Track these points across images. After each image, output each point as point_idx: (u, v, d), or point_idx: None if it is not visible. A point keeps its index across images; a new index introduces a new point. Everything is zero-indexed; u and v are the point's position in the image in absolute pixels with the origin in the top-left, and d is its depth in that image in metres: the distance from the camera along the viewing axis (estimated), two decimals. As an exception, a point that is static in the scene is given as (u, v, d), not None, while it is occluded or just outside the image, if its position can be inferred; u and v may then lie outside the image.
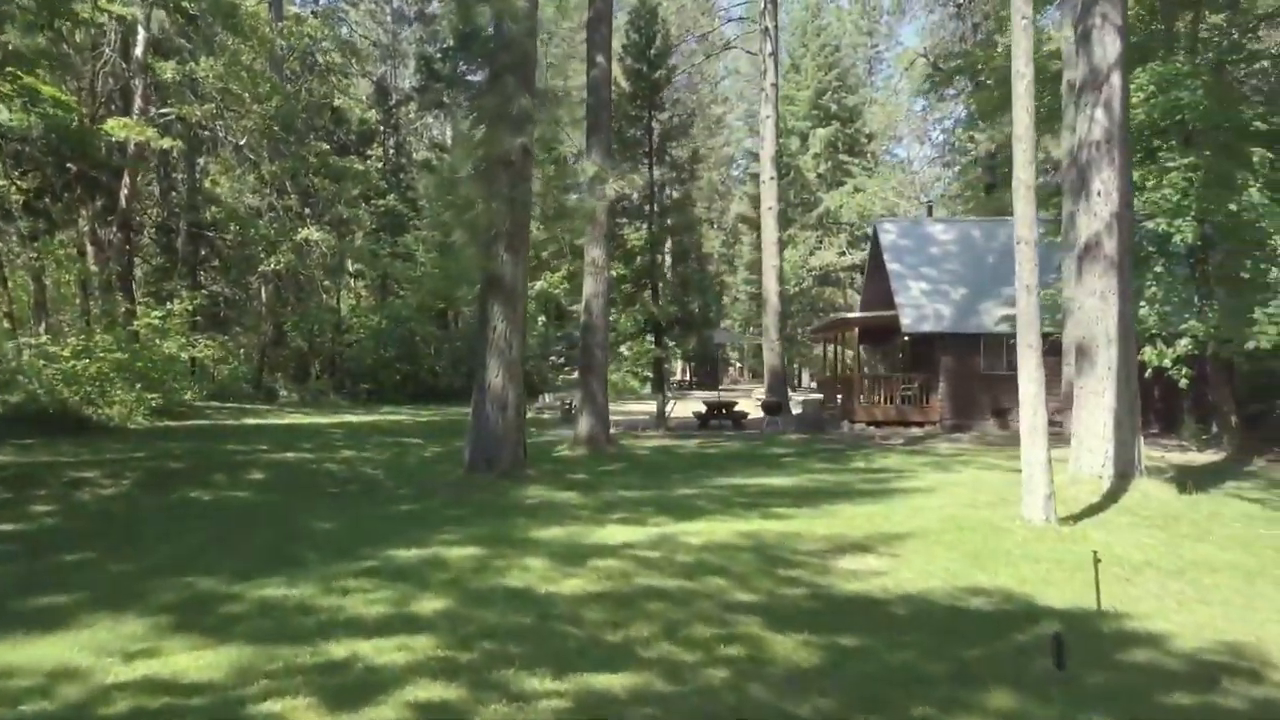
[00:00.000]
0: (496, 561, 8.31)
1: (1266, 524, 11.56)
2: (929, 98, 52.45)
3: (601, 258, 18.94)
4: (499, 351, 13.58)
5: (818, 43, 54.53)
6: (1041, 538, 9.68)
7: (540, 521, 10.49)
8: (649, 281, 24.24)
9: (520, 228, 13.49)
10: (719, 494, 12.82)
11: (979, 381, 24.23)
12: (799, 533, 9.82)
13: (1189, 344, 19.01)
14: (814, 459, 17.92)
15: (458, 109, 31.95)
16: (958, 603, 7.29)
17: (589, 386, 19.03)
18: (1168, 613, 7.04)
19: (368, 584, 7.46)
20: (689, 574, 7.86)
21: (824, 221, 51.71)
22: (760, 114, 32.34)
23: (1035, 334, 10.22)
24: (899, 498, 12.67)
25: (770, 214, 30.31)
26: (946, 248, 26.66)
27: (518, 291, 13.69)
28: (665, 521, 10.40)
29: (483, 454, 13.47)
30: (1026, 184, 10.18)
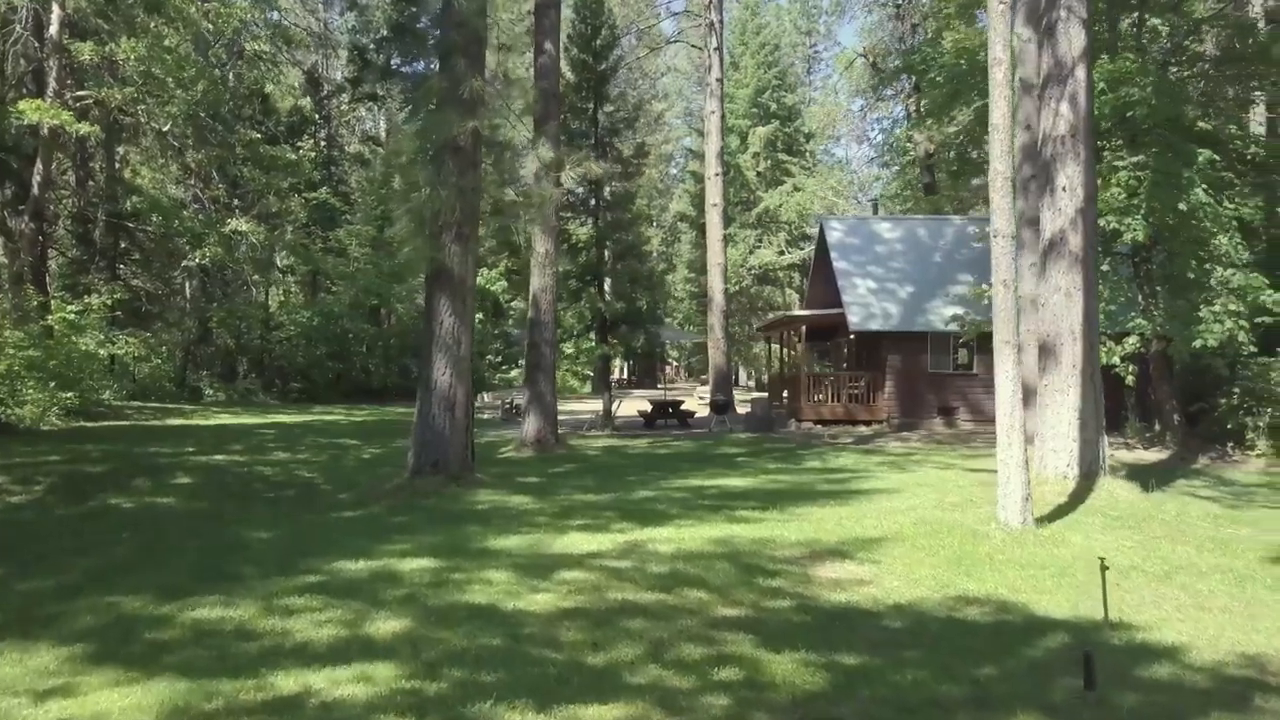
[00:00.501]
0: (455, 574, 7.65)
1: (1232, 524, 11.44)
2: (867, 98, 52.87)
3: (550, 251, 18.29)
4: (446, 348, 12.86)
5: (757, 41, 54.40)
6: (1020, 542, 9.35)
7: (496, 529, 9.83)
8: (595, 278, 23.57)
9: (470, 217, 12.78)
10: (680, 497, 12.30)
11: (926, 380, 24.13)
12: (772, 538, 9.35)
13: (1136, 342, 19.10)
14: (767, 459, 17.51)
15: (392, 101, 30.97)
16: (953, 613, 6.87)
17: (537, 385, 18.37)
18: (1172, 622, 6.70)
19: (315, 602, 6.76)
20: (665, 586, 7.30)
21: (763, 220, 51.61)
22: (705, 109, 31.94)
23: (1012, 330, 9.90)
24: (864, 499, 12.30)
25: (715, 210, 29.92)
26: (892, 246, 26.55)
27: (467, 284, 12.97)
28: (630, 528, 9.83)
29: (429, 457, 12.73)
30: (1004, 175, 9.86)
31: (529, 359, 19.01)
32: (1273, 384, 19.38)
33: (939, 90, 22.71)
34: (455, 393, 12.87)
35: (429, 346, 12.96)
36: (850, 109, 56.35)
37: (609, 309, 22.73)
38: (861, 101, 54.26)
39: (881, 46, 48.81)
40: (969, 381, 24.30)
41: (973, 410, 24.10)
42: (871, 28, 51.26)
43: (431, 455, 12.74)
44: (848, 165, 62.09)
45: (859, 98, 54.15)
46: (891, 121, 52.40)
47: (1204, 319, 18.13)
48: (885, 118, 52.93)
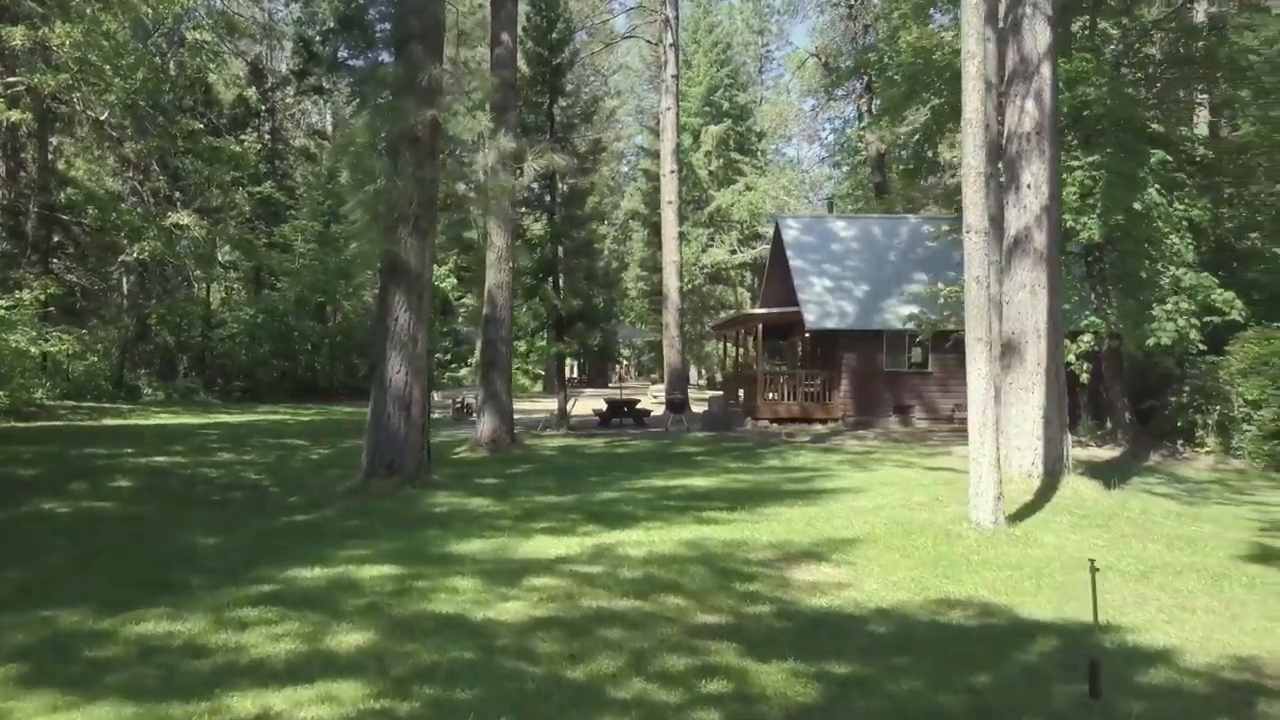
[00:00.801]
0: (418, 582, 7.27)
1: (1194, 521, 11.48)
2: (819, 97, 53.09)
3: (507, 247, 17.87)
4: (401, 345, 12.41)
5: (709, 39, 54.35)
6: (994, 542, 9.22)
7: (457, 533, 9.45)
8: (550, 274, 23.21)
9: (427, 209, 12.34)
10: (644, 498, 12.01)
11: (881, 379, 24.15)
12: (743, 540, 9.10)
13: (1090, 341, 19.25)
14: (727, 457, 17.31)
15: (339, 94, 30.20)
16: (938, 618, 6.67)
17: (492, 384, 17.94)
18: (1159, 623, 6.58)
19: (270, 614, 6.34)
20: (640, 592, 7.01)
21: (715, 219, 51.57)
22: (660, 105, 31.71)
23: (985, 327, 9.78)
24: (830, 498, 12.13)
25: (670, 208, 29.70)
26: (848, 244, 26.55)
27: (424, 279, 12.53)
28: (597, 530, 9.52)
29: (383, 457, 12.27)
30: (977, 170, 9.72)
31: (484, 357, 18.58)
32: (1221, 382, 19.65)
33: (896, 89, 22.71)
34: (411, 391, 12.43)
35: (383, 343, 12.51)
36: (802, 109, 56.59)
37: (565, 306, 22.34)
38: (813, 101, 54.51)
39: (833, 46, 49.03)
40: (924, 380, 24.38)
41: (928, 409, 24.18)
42: (823, 28, 51.54)
43: (386, 456, 12.29)
44: (799, 165, 62.36)
45: (810, 97, 54.40)
46: (843, 121, 52.74)
47: (1157, 318, 18.33)
48: (837, 118, 53.24)
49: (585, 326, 23.61)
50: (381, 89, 13.47)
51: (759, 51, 61.57)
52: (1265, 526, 11.55)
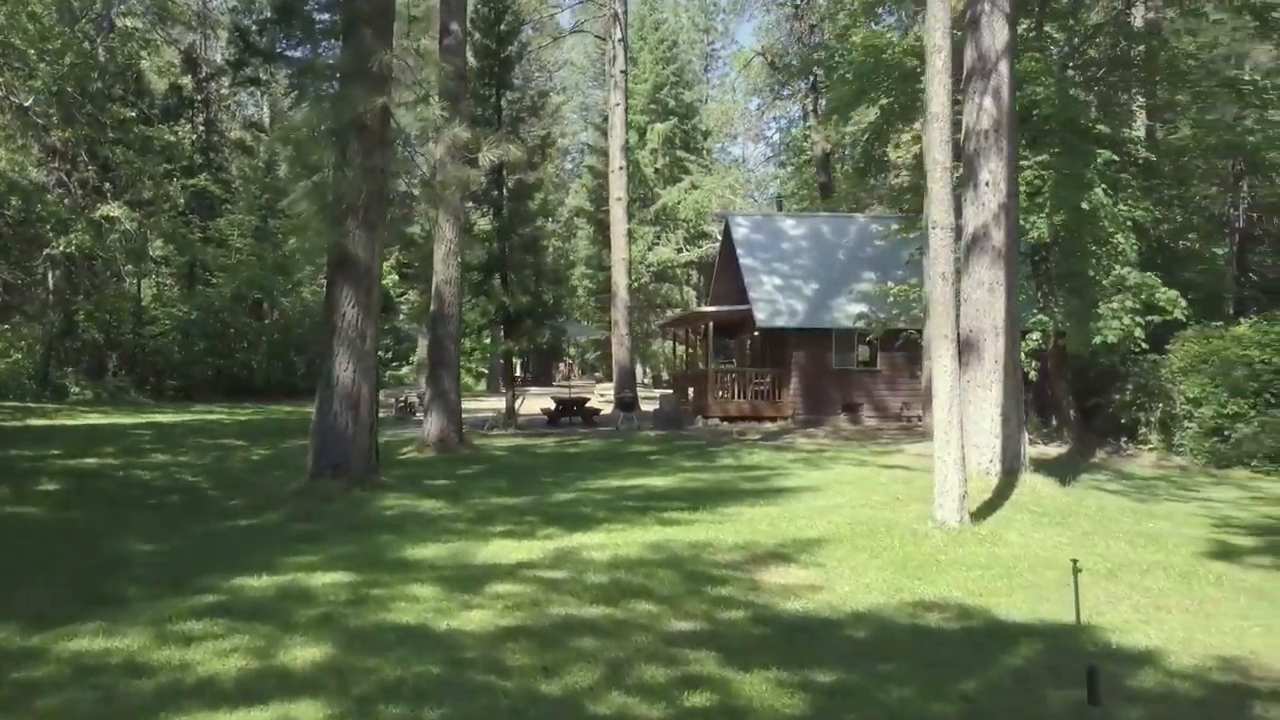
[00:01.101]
0: (374, 590, 6.90)
1: (1150, 518, 11.58)
2: (764, 97, 53.22)
3: (456, 242, 17.42)
4: (349, 342, 11.94)
5: (655, 37, 54.19)
6: (960, 541, 9.12)
7: (412, 537, 9.07)
8: (498, 271, 22.78)
9: (377, 201, 11.89)
10: (602, 498, 11.72)
11: (831, 377, 24.16)
12: (708, 541, 8.86)
13: (1038, 339, 19.44)
14: (681, 456, 17.09)
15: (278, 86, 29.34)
16: (916, 621, 6.50)
17: (440, 382, 17.49)
18: (1137, 623, 6.49)
19: (216, 627, 5.93)
20: (609, 598, 6.72)
21: (661, 217, 51.41)
22: (609, 101, 31.41)
23: (951, 324, 9.68)
24: (790, 498, 11.97)
25: (619, 205, 29.40)
26: (798, 243, 26.54)
27: (372, 274, 12.08)
28: (557, 533, 9.21)
29: (330, 458, 11.80)
30: (944, 165, 9.62)
31: (431, 355, 18.11)
32: (1163, 380, 20.00)
33: (846, 88, 22.70)
34: (359, 390, 11.98)
35: (330, 340, 12.03)
36: (747, 108, 56.66)
37: (513, 303, 21.93)
38: (758, 100, 54.59)
39: (779, 46, 49.16)
40: (872, 378, 24.46)
41: (876, 407, 24.26)
42: (769, 27, 51.61)
43: (333, 457, 11.82)
44: (744, 164, 62.50)
45: (756, 97, 54.46)
46: (788, 121, 52.93)
47: (1103, 316, 18.56)
48: (782, 117, 53.40)
49: (534, 324, 23.21)
50: (322, 81, 13.02)
51: (705, 50, 61.60)
52: (1217, 523, 11.68)
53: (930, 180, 9.81)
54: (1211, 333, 20.22)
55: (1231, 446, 18.94)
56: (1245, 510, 13.56)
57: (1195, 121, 22.52)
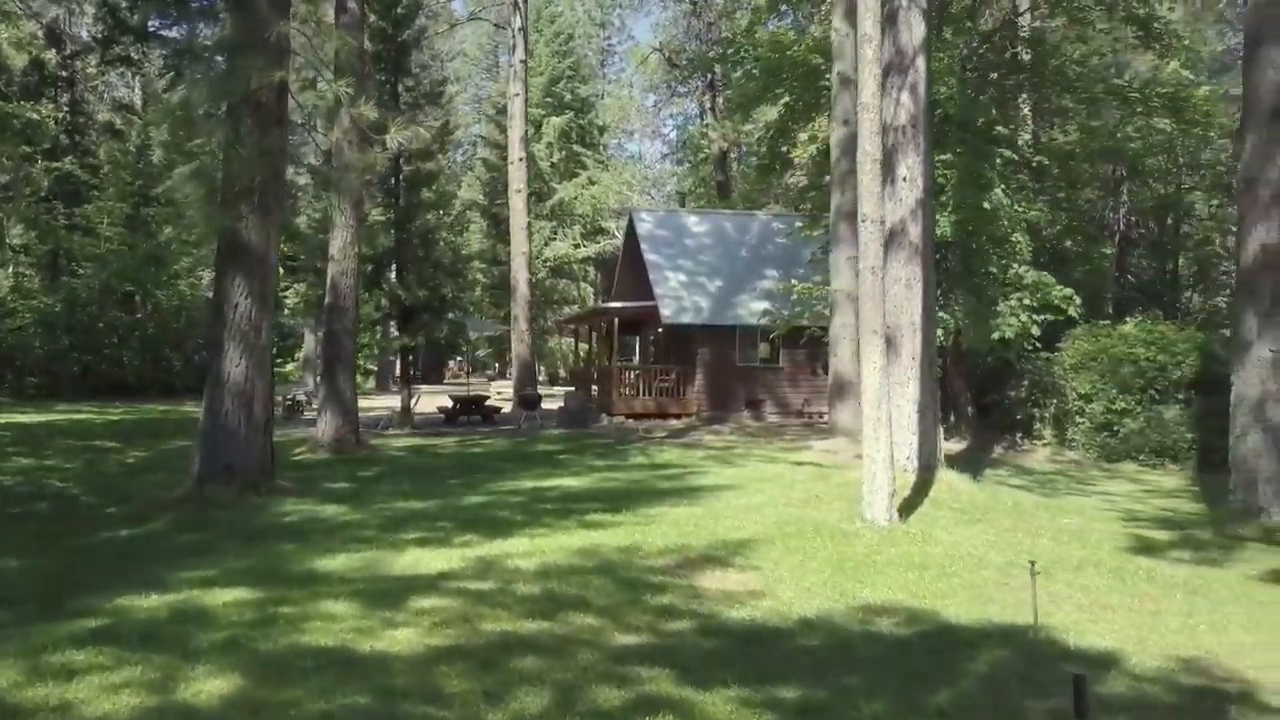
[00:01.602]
0: (283, 608, 6.24)
1: (1062, 513, 11.72)
2: (661, 93, 53.19)
3: (354, 231, 16.54)
4: (241, 335, 11.06)
5: (552, 29, 53.48)
6: (892, 540, 8.94)
7: (317, 546, 8.36)
8: (394, 263, 21.85)
9: (273, 183, 11.03)
10: (517, 501, 11.17)
11: (735, 374, 24.10)
12: (637, 545, 8.45)
13: (940, 336, 19.70)
14: (590, 456, 16.65)
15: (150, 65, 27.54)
16: (868, 626, 6.23)
17: (335, 380, 16.58)
18: (1086, 624, 6.38)
19: (102, 657, 5.19)
20: (545, 612, 6.23)
21: (557, 212, 50.75)
22: (509, 91, 30.63)
23: (880, 320, 9.50)
24: (710, 497, 11.66)
25: (519, 197, 28.70)
26: (701, 240, 26.41)
27: (268, 262, 11.22)
28: (476, 540, 8.63)
29: (220, 460, 10.90)
30: (874, 157, 9.44)
31: (326, 350, 17.18)
32: (1056, 377, 20.58)
33: (752, 84, 22.63)
34: (253, 387, 11.12)
35: (220, 333, 11.13)
36: (644, 104, 56.49)
37: (410, 297, 21.07)
38: (655, 97, 54.52)
39: (677, 43, 49.16)
40: (775, 376, 24.50)
41: (779, 404, 24.31)
42: (666, 24, 51.61)
43: (224, 459, 10.93)
44: (641, 161, 62.33)
45: (653, 93, 54.36)
46: (685, 118, 53.00)
47: (1001, 313, 18.93)
48: (680, 114, 53.44)
49: (432, 318, 22.38)
50: (200, 63, 12.10)
51: (601, 45, 61.17)
52: (1125, 518, 11.93)
53: (860, 172, 9.62)
54: (1100, 331, 20.92)
55: (1120, 441, 19.62)
56: (1143, 504, 13.97)
57: (1080, 126, 23.33)
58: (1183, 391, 19.69)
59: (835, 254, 19.13)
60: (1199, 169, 26.21)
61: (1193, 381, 19.57)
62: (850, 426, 18.70)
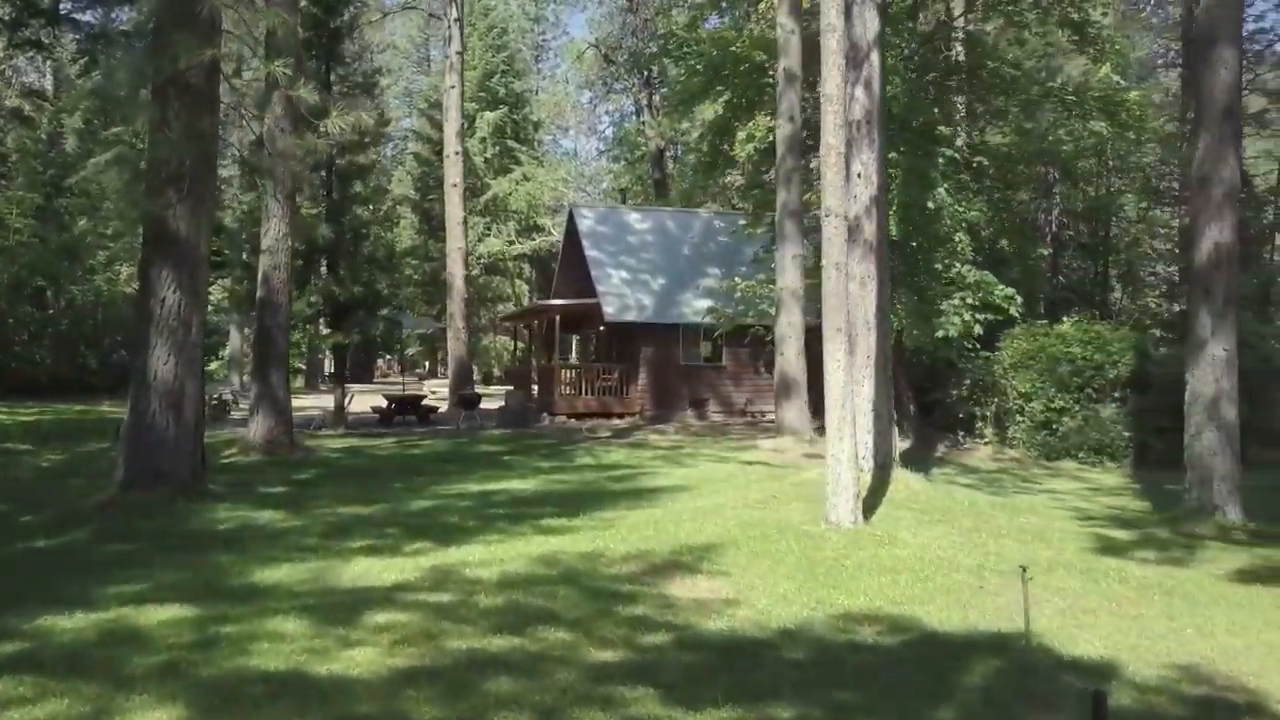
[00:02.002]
0: (225, 627, 5.72)
1: (1017, 512, 11.66)
2: (597, 90, 52.77)
3: (288, 222, 15.82)
4: (169, 331, 10.38)
5: (485, 23, 52.61)
6: (858, 543, 8.72)
7: (257, 556, 7.80)
8: (327, 257, 21.08)
9: (203, 168, 10.37)
10: (465, 505, 10.69)
11: (678, 372, 23.84)
12: (599, 552, 8.08)
13: (887, 333, 19.70)
14: (535, 457, 16.20)
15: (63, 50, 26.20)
16: (852, 637, 5.97)
17: (267, 378, 15.83)
18: (1071, 629, 6.21)
19: (22, 687, 4.66)
20: (513, 626, 5.83)
21: (491, 208, 49.97)
22: (445, 83, 29.88)
23: (843, 316, 9.27)
24: (666, 499, 11.34)
25: (455, 191, 28.01)
26: (644, 237, 26.09)
27: (199, 253, 10.54)
28: (429, 548, 8.17)
29: (147, 464, 10.21)
30: (838, 150, 9.20)
31: (258, 348, 16.42)
32: (996, 376, 20.75)
33: (695, 79, 22.36)
34: (183, 386, 10.44)
35: (146, 329, 10.43)
36: (579, 101, 55.97)
37: (344, 292, 20.33)
38: (590, 94, 54.06)
39: (613, 39, 48.78)
40: (718, 374, 24.31)
41: (722, 403, 24.12)
42: (602, 20, 51.17)
43: (151, 463, 10.24)
44: (576, 158, 61.76)
45: (588, 90, 53.90)
46: (621, 115, 52.64)
47: (944, 312, 18.97)
48: (616, 111, 53.06)
49: (366, 315, 21.66)
50: (114, 47, 11.39)
51: (535, 40, 60.44)
52: (1078, 516, 11.95)
53: (824, 165, 9.38)
54: (1037, 331, 21.17)
55: (1059, 440, 19.87)
56: (1090, 502, 14.07)
57: (1016, 129, 23.59)
58: (1119, 390, 20.03)
59: (781, 252, 19.00)
60: (1128, 172, 26.77)
61: (1128, 380, 19.92)
62: (796, 425, 18.62)
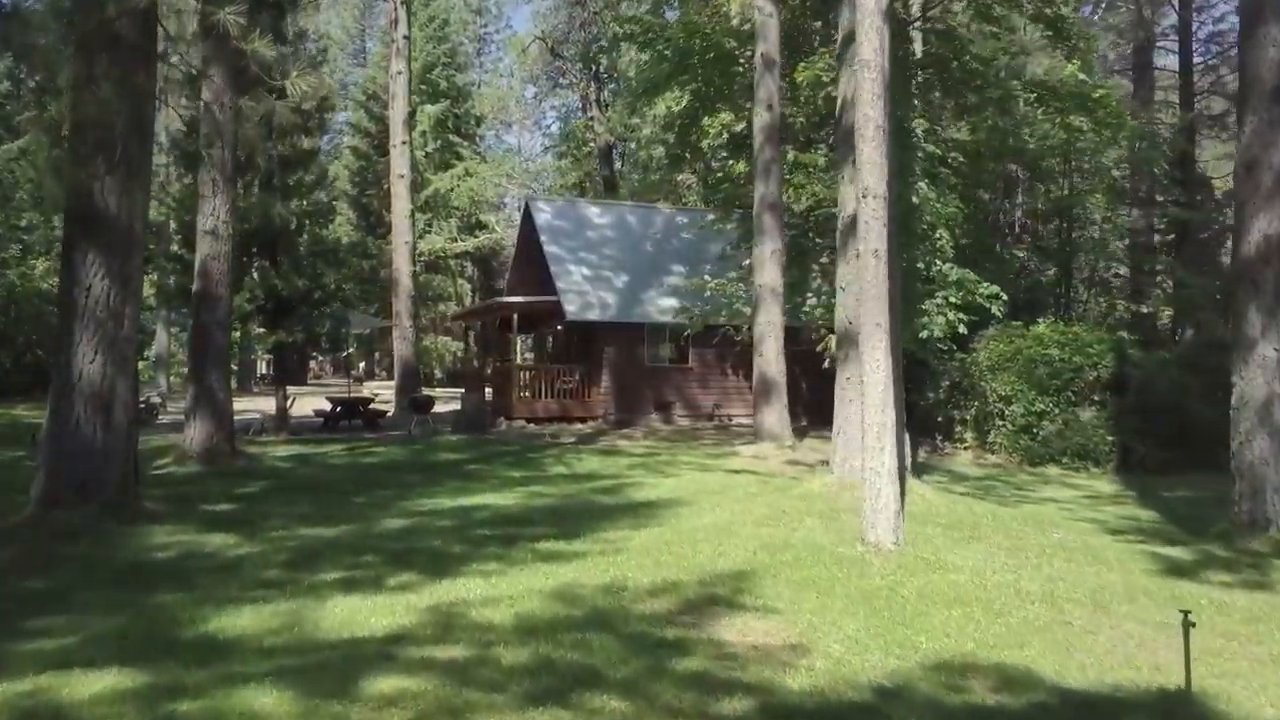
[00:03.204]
0: (181, 704, 4.40)
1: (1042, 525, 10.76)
2: (541, 85, 51.37)
3: (225, 208, 14.28)
4: (98, 324, 8.90)
5: (426, 14, 50.86)
6: (906, 567, 7.68)
7: (211, 595, 6.43)
8: (268, 248, 19.47)
9: (137, 134, 8.91)
10: (445, 525, 9.38)
11: (643, 374, 22.69)
12: (618, 584, 6.90)
13: (865, 335, 18.83)
14: (502, 465, 14.91)
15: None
16: (965, 696, 4.90)
17: (205, 379, 14.26)
18: (1220, 680, 5.19)
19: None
20: (552, 693, 4.62)
21: (433, 204, 48.25)
22: (391, 69, 28.27)
23: (883, 310, 8.25)
24: (665, 515, 10.19)
25: (402, 183, 26.47)
26: (604, 232, 24.90)
27: (134, 234, 9.06)
28: (416, 580, 6.89)
29: (72, 479, 8.71)
30: (876, 123, 8.18)
31: (194, 345, 14.82)
32: (975, 379, 20.03)
33: (663, 65, 21.25)
34: (113, 387, 8.97)
35: (70, 321, 8.94)
36: (524, 95, 54.48)
37: (288, 287, 18.76)
38: (534, 89, 52.64)
39: (559, 32, 47.46)
40: (684, 376, 23.24)
41: (688, 406, 23.06)
42: (547, 12, 49.78)
43: (76, 476, 8.75)
44: (520, 154, 60.19)
45: (532, 84, 52.46)
46: (567, 110, 51.32)
47: (928, 311, 18.18)
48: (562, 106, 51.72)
49: (310, 311, 20.08)
50: None
51: (477, 32, 58.80)
52: (1104, 530, 11.10)
53: (859, 140, 8.34)
54: (1013, 332, 20.51)
55: (1040, 444, 19.21)
56: (1097, 511, 13.26)
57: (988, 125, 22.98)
58: (1097, 393, 19.46)
59: (759, 248, 18.00)
60: (1094, 173, 26.42)
61: (1108, 383, 19.37)
62: (776, 430, 17.61)
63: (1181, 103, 27.09)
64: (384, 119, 47.39)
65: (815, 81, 18.38)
